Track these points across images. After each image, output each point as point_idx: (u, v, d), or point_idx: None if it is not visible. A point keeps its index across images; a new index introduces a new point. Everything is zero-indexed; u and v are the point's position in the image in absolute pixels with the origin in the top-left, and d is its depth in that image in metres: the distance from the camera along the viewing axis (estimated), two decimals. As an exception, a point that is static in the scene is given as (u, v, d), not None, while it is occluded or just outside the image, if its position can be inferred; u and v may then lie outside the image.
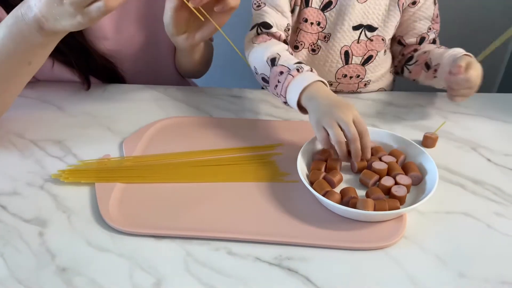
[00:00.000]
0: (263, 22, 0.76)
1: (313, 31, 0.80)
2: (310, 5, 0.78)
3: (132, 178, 0.63)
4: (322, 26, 0.80)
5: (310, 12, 0.79)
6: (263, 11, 0.77)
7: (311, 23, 0.79)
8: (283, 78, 0.67)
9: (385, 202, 0.56)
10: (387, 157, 0.64)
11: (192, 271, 0.51)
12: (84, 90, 0.85)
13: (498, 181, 0.64)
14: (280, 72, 0.68)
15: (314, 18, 0.79)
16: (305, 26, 0.80)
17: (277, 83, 0.68)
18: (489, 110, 0.81)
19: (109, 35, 0.83)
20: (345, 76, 0.84)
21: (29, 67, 0.65)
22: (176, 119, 0.77)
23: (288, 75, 0.66)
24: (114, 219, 0.56)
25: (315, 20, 0.79)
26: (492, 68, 1.45)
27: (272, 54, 0.71)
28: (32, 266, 0.51)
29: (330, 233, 0.55)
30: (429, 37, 0.84)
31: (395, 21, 0.81)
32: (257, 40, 0.76)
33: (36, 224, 0.57)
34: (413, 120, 0.78)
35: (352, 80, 0.84)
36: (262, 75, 0.72)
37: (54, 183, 0.63)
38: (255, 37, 0.77)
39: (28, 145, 0.71)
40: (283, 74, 0.67)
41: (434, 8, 0.82)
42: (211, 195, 0.61)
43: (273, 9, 0.77)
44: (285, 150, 0.69)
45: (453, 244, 0.54)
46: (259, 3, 0.77)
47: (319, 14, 0.79)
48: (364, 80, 0.84)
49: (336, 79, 0.84)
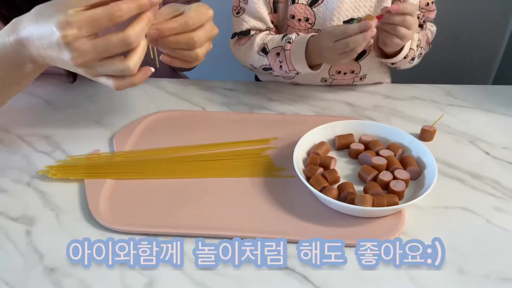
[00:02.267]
0: (241, 31, 0.79)
1: (301, 27, 0.78)
2: (297, 2, 0.76)
3: (123, 174, 0.62)
4: (311, 22, 0.77)
5: (297, 8, 0.76)
6: (241, 19, 0.78)
7: (298, 19, 0.77)
8: (283, 57, 0.74)
9: (383, 198, 0.55)
10: (384, 151, 0.63)
11: (186, 270, 0.50)
12: (70, 83, 0.82)
13: (497, 175, 0.63)
14: (277, 54, 0.74)
15: (302, 14, 0.77)
16: (292, 23, 0.78)
17: (280, 64, 0.75)
18: (486, 103, 0.80)
19: None
20: (339, 73, 0.82)
21: (18, 87, 0.62)
22: (168, 113, 0.75)
23: (285, 51, 0.73)
24: (105, 217, 0.55)
25: (302, 16, 0.77)
26: (487, 60, 1.45)
27: (259, 46, 0.77)
28: (19, 266, 0.50)
29: (327, 230, 0.54)
30: None
31: None
32: (241, 42, 0.80)
33: (23, 223, 0.55)
34: (410, 113, 0.77)
35: (347, 76, 0.82)
36: (262, 66, 0.78)
37: (41, 180, 0.61)
38: (238, 41, 0.80)
39: (15, 140, 0.68)
40: (280, 54, 0.74)
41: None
42: (205, 192, 0.60)
43: (251, 16, 0.78)
44: (280, 145, 0.68)
45: (452, 240, 0.53)
46: (239, 10, 0.78)
47: (307, 10, 0.76)
48: (360, 75, 0.83)
49: (330, 76, 0.82)
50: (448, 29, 0.81)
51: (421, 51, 0.82)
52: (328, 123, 0.67)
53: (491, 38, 1.40)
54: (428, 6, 0.81)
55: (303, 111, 0.77)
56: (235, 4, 0.79)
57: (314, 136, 0.66)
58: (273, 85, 0.85)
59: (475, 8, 1.33)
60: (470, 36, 1.38)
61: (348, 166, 0.64)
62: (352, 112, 0.77)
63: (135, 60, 0.52)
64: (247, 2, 0.77)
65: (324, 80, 0.84)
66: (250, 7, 0.77)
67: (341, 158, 0.65)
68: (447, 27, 0.81)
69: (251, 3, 0.77)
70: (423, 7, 0.81)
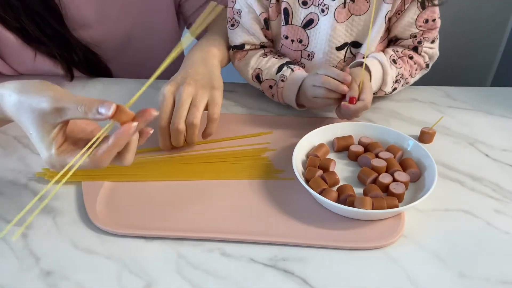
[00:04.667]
0: (235, 45, 0.78)
1: (294, 48, 0.76)
2: (290, 23, 0.74)
3: (120, 176, 0.61)
4: (305, 44, 0.75)
5: (289, 29, 0.75)
6: (235, 33, 0.77)
7: (291, 40, 0.75)
8: (275, 91, 0.75)
9: (383, 200, 0.55)
10: (384, 153, 0.63)
11: (184, 273, 0.49)
12: (67, 81, 0.82)
13: (497, 177, 0.63)
14: (269, 87, 0.76)
15: (295, 36, 0.75)
16: (285, 42, 0.76)
17: (272, 95, 0.76)
18: (486, 105, 0.79)
19: (92, 23, 0.80)
20: None
21: None
22: (166, 115, 0.75)
23: (278, 88, 0.74)
24: (102, 220, 0.54)
25: (296, 38, 0.75)
26: (486, 62, 1.45)
27: (254, 70, 0.77)
28: (15, 269, 0.49)
29: (327, 233, 0.53)
30: (403, 42, 0.77)
31: (380, 34, 0.74)
32: (236, 58, 0.79)
33: (19, 225, 0.54)
34: (410, 115, 0.76)
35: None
36: (256, 87, 0.79)
37: (38, 182, 0.60)
38: (234, 55, 0.80)
39: (11, 141, 0.68)
40: (272, 88, 0.75)
41: (419, 15, 0.73)
42: (204, 194, 0.59)
43: (244, 31, 0.77)
44: (279, 146, 0.67)
45: (452, 243, 0.53)
46: (233, 23, 0.77)
47: (300, 32, 0.74)
48: None
49: None
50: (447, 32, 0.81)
51: (408, 81, 0.77)
52: (327, 125, 0.67)
53: (489, 40, 1.40)
54: (427, 23, 0.74)
55: (302, 113, 0.76)
56: (230, 16, 0.77)
57: (313, 138, 0.65)
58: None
59: (474, 11, 1.33)
60: (469, 39, 1.38)
61: (348, 168, 0.64)
62: (351, 114, 0.76)
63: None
64: (240, 15, 0.75)
65: None
66: (243, 21, 0.76)
67: (341, 160, 0.65)
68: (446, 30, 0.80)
69: (244, 18, 0.75)
70: (422, 24, 0.73)
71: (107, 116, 0.45)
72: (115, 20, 0.82)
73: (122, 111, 0.46)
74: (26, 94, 0.47)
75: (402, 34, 0.76)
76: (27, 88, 0.48)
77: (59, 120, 0.46)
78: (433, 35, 0.76)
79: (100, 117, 0.45)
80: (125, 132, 0.46)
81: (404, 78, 0.76)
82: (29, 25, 0.74)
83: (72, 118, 0.46)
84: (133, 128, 0.46)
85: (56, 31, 0.76)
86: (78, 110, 0.45)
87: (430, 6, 0.73)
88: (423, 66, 0.78)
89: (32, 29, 0.74)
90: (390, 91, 0.75)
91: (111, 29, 0.83)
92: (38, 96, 0.46)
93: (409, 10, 0.73)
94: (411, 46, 0.77)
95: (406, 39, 0.76)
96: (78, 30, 0.79)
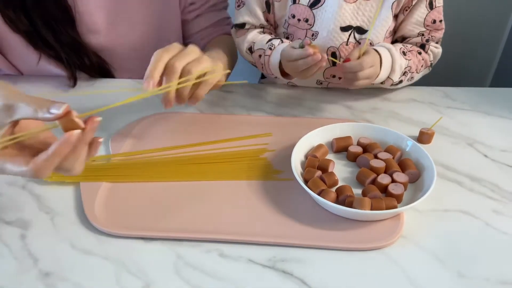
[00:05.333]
0: (237, 24, 0.83)
1: (301, 27, 0.79)
2: (298, 2, 0.77)
3: (119, 177, 0.61)
4: (310, 23, 0.78)
5: (297, 8, 0.77)
6: (240, 12, 0.82)
7: (298, 19, 0.78)
8: (263, 60, 0.79)
9: (382, 201, 0.55)
10: (383, 153, 0.63)
11: (182, 274, 0.49)
12: (70, 87, 0.82)
13: (496, 178, 0.63)
14: (259, 56, 0.80)
15: (302, 15, 0.77)
16: (292, 22, 0.79)
17: (262, 65, 0.80)
18: (484, 105, 0.79)
19: (102, 29, 0.81)
20: (334, 77, 0.82)
21: None
22: (165, 115, 0.75)
23: (265, 56, 0.78)
24: (100, 221, 0.54)
25: (302, 17, 0.78)
26: (485, 62, 1.45)
27: (248, 43, 0.81)
28: (13, 270, 0.49)
29: (326, 233, 0.53)
30: (412, 39, 0.80)
31: (387, 25, 0.77)
32: (237, 34, 0.84)
33: (17, 226, 0.54)
34: (409, 116, 0.76)
35: (342, 80, 0.81)
36: (251, 62, 0.84)
37: (36, 183, 0.60)
38: (236, 32, 0.85)
39: (10, 142, 0.68)
40: (261, 57, 0.79)
41: (428, 14, 0.77)
42: (202, 195, 0.59)
43: (247, 11, 0.81)
44: (278, 147, 0.67)
45: (451, 243, 0.53)
46: (240, 3, 0.82)
47: (307, 11, 0.77)
48: None
49: (325, 78, 0.82)
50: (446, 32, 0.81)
51: (413, 76, 0.80)
52: (326, 126, 0.67)
53: (488, 40, 1.40)
54: (435, 24, 0.78)
55: (301, 114, 0.76)
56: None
57: (312, 139, 0.65)
58: (270, 87, 0.85)
59: (473, 12, 1.33)
60: (468, 39, 1.38)
61: (346, 169, 0.64)
62: (350, 114, 0.76)
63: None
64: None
65: (320, 83, 0.84)
66: (248, 3, 0.80)
67: (339, 160, 0.65)
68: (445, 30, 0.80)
69: (248, 0, 0.80)
70: (429, 24, 0.78)
71: (58, 115, 0.42)
72: (124, 30, 0.84)
73: (70, 117, 0.43)
74: None
75: (411, 32, 0.80)
76: None
77: (8, 119, 0.43)
78: (439, 35, 0.81)
79: (49, 116, 0.42)
80: (67, 140, 0.43)
81: (411, 71, 0.78)
82: (43, 28, 0.75)
83: (22, 117, 0.43)
84: (74, 135, 0.43)
85: (68, 35, 0.77)
86: (28, 108, 0.42)
87: (437, 7, 0.77)
88: (428, 64, 0.82)
89: (45, 32, 0.75)
90: (397, 81, 0.77)
91: (120, 38, 0.84)
92: None
93: (417, 8, 0.77)
94: (418, 44, 0.81)
95: (414, 37, 0.80)
96: (88, 36, 0.81)
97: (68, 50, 0.79)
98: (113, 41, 0.84)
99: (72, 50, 0.79)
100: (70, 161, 0.45)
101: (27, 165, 0.43)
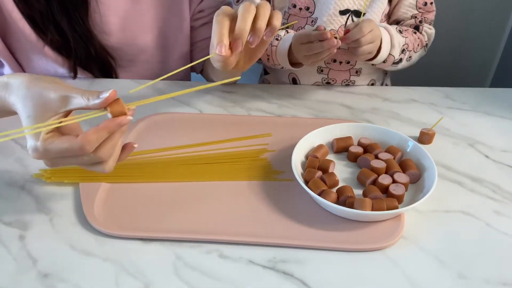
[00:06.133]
0: None
1: (302, 15, 0.81)
2: None
3: (118, 177, 0.61)
4: (311, 11, 0.81)
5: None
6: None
7: (300, 8, 0.81)
8: (269, 51, 0.79)
9: (383, 201, 0.54)
10: (383, 154, 0.63)
11: (182, 275, 0.49)
12: (71, 78, 0.82)
13: (497, 178, 0.63)
14: None
15: (303, 4, 0.81)
16: (293, 11, 0.81)
17: (268, 57, 0.81)
18: (485, 106, 0.79)
19: (113, 31, 0.82)
20: (335, 61, 0.83)
21: None
22: (165, 115, 0.74)
23: (272, 47, 0.79)
24: (100, 221, 0.54)
25: (303, 6, 0.81)
26: (485, 62, 1.44)
27: None
28: (12, 271, 0.49)
29: (326, 234, 0.53)
30: (406, 22, 0.84)
31: (382, 8, 0.81)
32: None
33: (16, 227, 0.54)
34: (409, 116, 0.76)
35: (343, 66, 0.83)
36: None
37: (35, 183, 0.60)
38: None
39: (9, 143, 0.67)
40: (267, 48, 0.79)
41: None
42: (202, 195, 0.59)
43: None
44: (278, 147, 0.67)
45: (452, 244, 0.53)
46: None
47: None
48: (356, 68, 0.84)
49: (326, 64, 0.84)
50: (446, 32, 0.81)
51: (411, 55, 0.83)
52: (327, 126, 0.67)
53: (489, 40, 1.40)
54: (426, 6, 0.83)
55: (301, 114, 0.76)
56: None
57: (312, 139, 0.65)
58: (271, 87, 0.84)
59: (473, 11, 1.33)
60: (468, 39, 1.38)
61: (347, 169, 0.64)
62: (350, 114, 0.76)
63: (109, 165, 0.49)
64: None
65: (321, 70, 0.84)
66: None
67: (340, 161, 0.65)
68: (445, 30, 0.81)
69: None
70: (421, 6, 0.82)
71: (107, 98, 0.45)
72: (134, 33, 0.84)
73: (119, 101, 0.47)
74: (36, 81, 0.48)
75: (404, 15, 0.84)
76: (39, 77, 0.49)
77: (62, 109, 0.47)
78: (431, 17, 0.85)
79: (100, 101, 0.46)
80: (117, 120, 0.47)
81: (409, 50, 0.81)
82: (58, 12, 0.75)
83: (75, 107, 0.47)
84: (126, 119, 0.47)
85: (82, 23, 0.77)
86: (82, 99, 0.46)
87: None
88: (424, 44, 0.85)
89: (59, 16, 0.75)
90: (398, 59, 0.80)
91: (129, 40, 0.84)
92: (48, 84, 0.48)
93: None
94: (412, 26, 0.84)
95: (408, 19, 0.84)
96: (99, 34, 0.81)
97: (78, 38, 0.78)
98: (122, 42, 0.84)
99: (82, 39, 0.79)
100: (108, 148, 0.47)
101: (75, 140, 0.46)
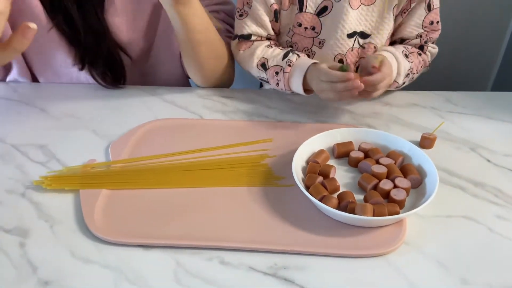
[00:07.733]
0: (242, 35, 0.80)
1: (307, 35, 0.78)
2: (304, 10, 0.76)
3: (118, 184, 0.61)
4: (317, 31, 0.78)
5: (304, 17, 0.77)
6: (244, 22, 0.79)
7: (305, 27, 0.77)
8: (281, 77, 0.76)
9: (384, 207, 0.54)
10: (385, 159, 0.62)
11: (183, 282, 0.48)
12: (78, 69, 0.81)
13: (499, 183, 0.62)
14: (276, 73, 0.76)
15: (309, 23, 0.77)
16: (298, 30, 0.78)
17: (278, 82, 0.77)
18: (486, 110, 0.79)
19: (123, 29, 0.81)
20: None
21: None
22: (165, 121, 0.74)
23: (284, 73, 0.75)
24: (100, 228, 0.54)
25: (309, 25, 0.77)
26: (486, 66, 1.44)
27: (259, 59, 0.79)
28: (12, 279, 0.48)
29: (327, 240, 0.53)
30: (411, 41, 0.81)
31: (389, 28, 0.78)
32: (241, 48, 0.81)
33: (16, 234, 0.54)
34: (410, 120, 0.76)
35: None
36: (259, 78, 0.81)
37: (36, 191, 0.60)
38: (238, 44, 0.82)
39: (9, 149, 0.67)
40: (278, 74, 0.76)
41: (426, 16, 0.78)
42: (202, 201, 0.58)
43: (253, 22, 0.79)
44: (279, 153, 0.67)
45: (455, 249, 0.52)
46: (242, 13, 0.79)
47: (314, 19, 0.77)
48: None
49: None
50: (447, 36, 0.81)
51: (413, 76, 0.80)
52: (327, 131, 0.67)
53: (490, 44, 1.40)
54: (432, 25, 0.79)
55: (302, 119, 0.76)
56: (239, 6, 0.79)
57: (313, 144, 0.65)
58: (271, 92, 0.84)
59: (474, 15, 1.33)
60: (469, 43, 1.37)
61: (348, 174, 0.63)
62: (351, 119, 0.76)
63: None
64: (251, 6, 0.77)
65: None
66: (253, 12, 0.78)
67: (341, 166, 0.64)
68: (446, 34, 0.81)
69: (254, 9, 0.77)
70: (427, 25, 0.79)
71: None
72: (141, 33, 0.83)
73: None
74: None
75: (410, 34, 0.80)
76: None
77: None
78: (435, 36, 0.81)
79: None
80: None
81: (413, 73, 0.79)
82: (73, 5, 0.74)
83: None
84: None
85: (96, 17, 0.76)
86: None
87: (434, 9, 0.78)
88: (427, 65, 0.83)
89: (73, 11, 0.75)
90: (401, 84, 0.78)
91: (136, 40, 0.84)
92: None
93: (416, 10, 0.78)
94: (417, 45, 0.81)
95: (413, 38, 0.81)
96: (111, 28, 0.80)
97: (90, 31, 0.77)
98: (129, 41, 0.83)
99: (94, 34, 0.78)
100: None
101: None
